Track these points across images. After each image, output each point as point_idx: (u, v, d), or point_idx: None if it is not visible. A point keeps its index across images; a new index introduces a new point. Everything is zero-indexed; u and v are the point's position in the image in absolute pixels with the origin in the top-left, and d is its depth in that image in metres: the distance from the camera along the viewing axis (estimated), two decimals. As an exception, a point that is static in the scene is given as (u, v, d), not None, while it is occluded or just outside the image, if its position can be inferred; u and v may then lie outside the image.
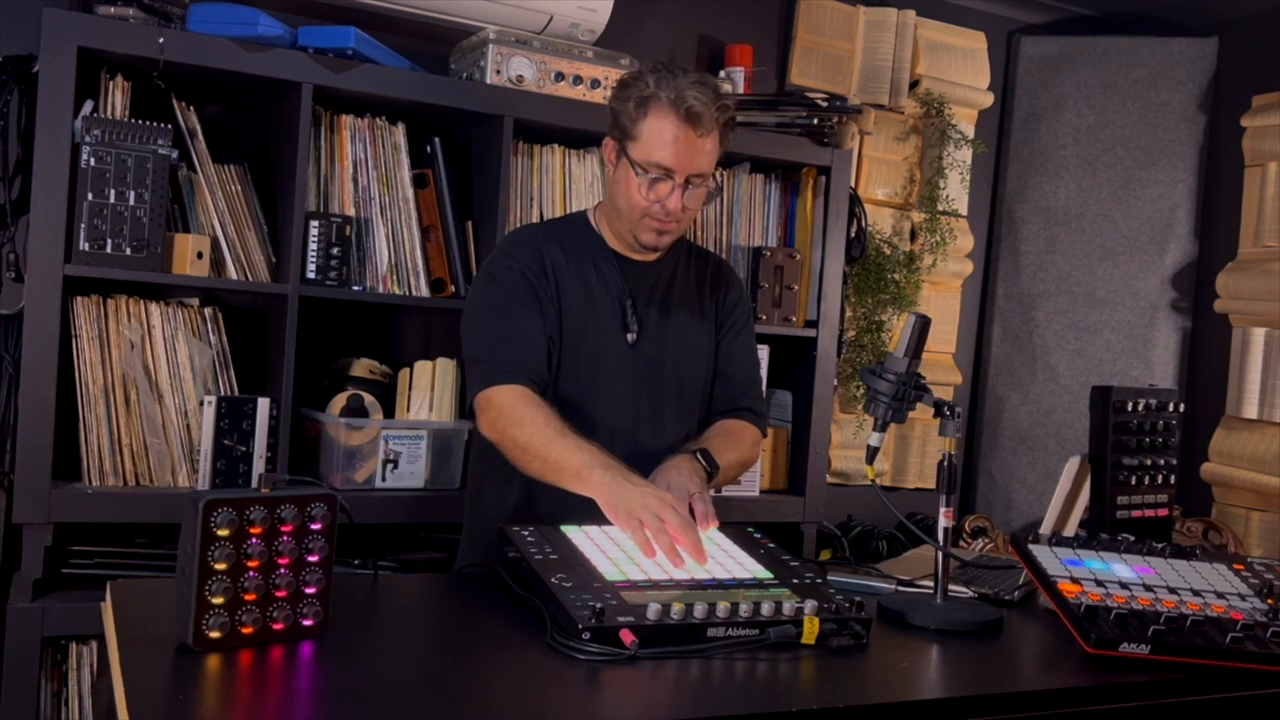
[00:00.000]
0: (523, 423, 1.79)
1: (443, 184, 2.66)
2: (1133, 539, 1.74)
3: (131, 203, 2.28)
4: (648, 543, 1.61)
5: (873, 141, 3.52)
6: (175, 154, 2.35)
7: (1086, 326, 3.69)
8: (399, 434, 2.55)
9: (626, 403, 1.95)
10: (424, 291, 2.61)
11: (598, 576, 1.51)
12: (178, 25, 2.35)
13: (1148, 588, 1.60)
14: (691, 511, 1.70)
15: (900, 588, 1.80)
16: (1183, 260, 3.68)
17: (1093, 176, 3.70)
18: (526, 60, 2.64)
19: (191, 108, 2.45)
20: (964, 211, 3.73)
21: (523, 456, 1.80)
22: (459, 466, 2.61)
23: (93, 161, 2.25)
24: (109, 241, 2.26)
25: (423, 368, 2.61)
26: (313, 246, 2.46)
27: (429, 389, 2.61)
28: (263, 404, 2.40)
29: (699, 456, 1.88)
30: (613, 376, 1.94)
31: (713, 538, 1.71)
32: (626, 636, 1.34)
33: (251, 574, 1.28)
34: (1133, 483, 1.88)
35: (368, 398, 2.55)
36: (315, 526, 1.32)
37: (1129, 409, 1.89)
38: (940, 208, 3.61)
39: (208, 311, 2.44)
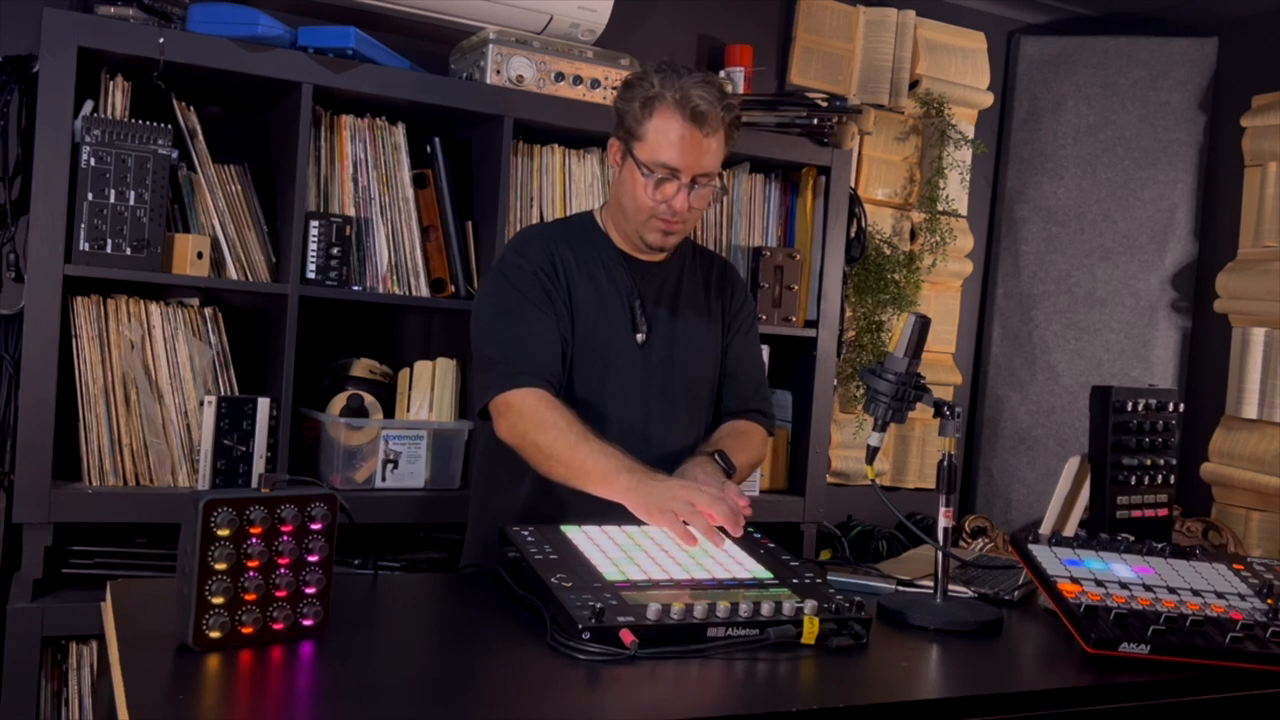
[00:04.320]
0: (545, 427, 1.79)
1: (443, 184, 2.66)
2: (1132, 539, 1.74)
3: (131, 203, 2.28)
4: (687, 532, 1.63)
5: (873, 141, 3.52)
6: (175, 154, 2.35)
7: (1086, 326, 3.69)
8: (399, 434, 2.55)
9: (637, 402, 1.95)
10: (424, 291, 2.61)
11: (598, 576, 1.51)
12: (178, 25, 2.35)
13: (1147, 588, 1.60)
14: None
15: (900, 588, 1.80)
16: (1182, 260, 3.68)
17: (1092, 176, 3.70)
18: (526, 60, 2.64)
19: (191, 108, 2.45)
20: (964, 211, 3.73)
21: (545, 461, 1.80)
22: (459, 466, 2.61)
23: (93, 161, 2.25)
24: (109, 241, 2.26)
25: (423, 368, 2.61)
26: (313, 246, 2.46)
27: (429, 389, 2.61)
28: (263, 404, 2.40)
29: (717, 458, 1.89)
30: (623, 376, 1.94)
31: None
32: (626, 636, 1.34)
33: (251, 574, 1.28)
34: (1133, 483, 1.88)
35: (368, 398, 2.55)
36: (315, 526, 1.32)
37: (1129, 409, 1.88)
38: (940, 208, 3.62)
39: (208, 311, 2.44)
